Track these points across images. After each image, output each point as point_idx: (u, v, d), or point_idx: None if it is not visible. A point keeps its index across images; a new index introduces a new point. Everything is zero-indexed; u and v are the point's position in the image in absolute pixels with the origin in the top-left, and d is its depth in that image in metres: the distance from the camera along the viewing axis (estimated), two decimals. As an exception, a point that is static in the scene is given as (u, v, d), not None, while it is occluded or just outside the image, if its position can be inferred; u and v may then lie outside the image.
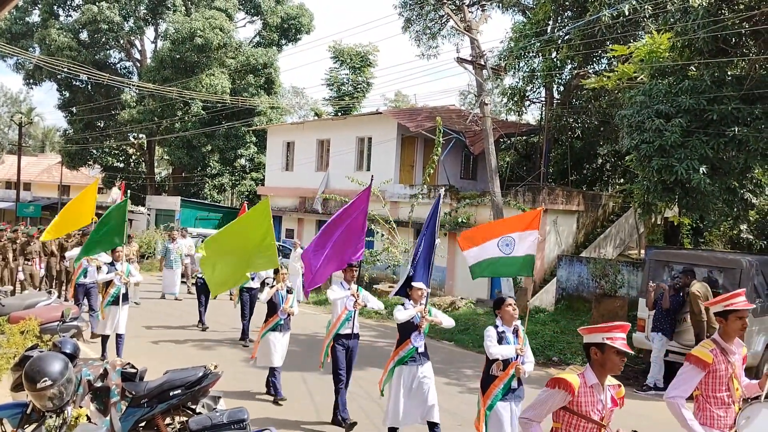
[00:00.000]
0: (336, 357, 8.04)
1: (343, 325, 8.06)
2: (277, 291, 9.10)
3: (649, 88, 12.90)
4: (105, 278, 10.74)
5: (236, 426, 5.41)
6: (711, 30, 11.92)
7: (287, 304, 9.08)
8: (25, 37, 35.95)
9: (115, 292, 10.40)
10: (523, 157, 26.80)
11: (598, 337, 4.09)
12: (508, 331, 6.28)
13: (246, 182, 34.41)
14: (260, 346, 9.10)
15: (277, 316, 9.03)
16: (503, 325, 6.30)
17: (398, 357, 7.16)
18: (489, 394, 6.15)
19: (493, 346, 6.14)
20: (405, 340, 7.14)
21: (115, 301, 10.40)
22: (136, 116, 32.99)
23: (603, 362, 4.07)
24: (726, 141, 11.86)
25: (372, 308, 8.59)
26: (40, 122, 63.47)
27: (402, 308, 7.18)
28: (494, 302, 6.60)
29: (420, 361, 7.16)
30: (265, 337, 9.03)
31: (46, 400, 4.54)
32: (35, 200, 43.30)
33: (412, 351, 7.13)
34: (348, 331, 8.09)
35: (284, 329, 9.12)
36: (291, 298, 9.17)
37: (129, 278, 10.63)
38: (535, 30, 19.68)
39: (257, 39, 37.24)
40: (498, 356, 6.11)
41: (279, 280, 9.18)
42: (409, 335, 7.13)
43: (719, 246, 18.59)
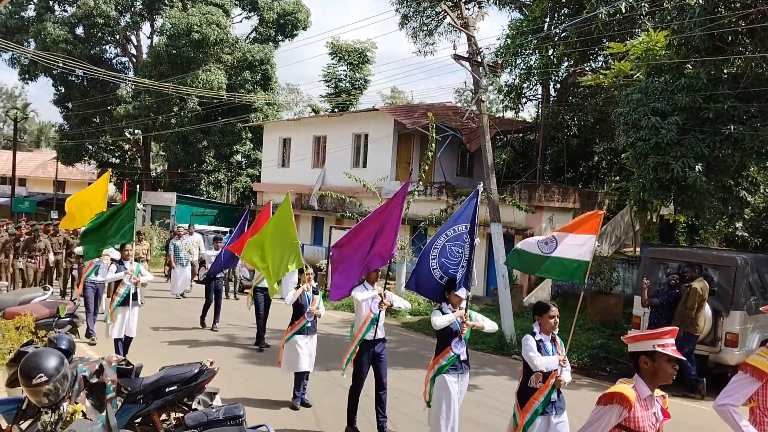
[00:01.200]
0: (359, 366, 7.62)
1: (368, 329, 7.61)
2: (302, 292, 8.68)
3: (646, 85, 12.92)
4: (114, 278, 10.20)
5: (232, 422, 5.41)
6: (707, 28, 11.94)
7: (313, 306, 8.65)
8: (21, 32, 35.77)
9: (124, 292, 9.91)
10: (519, 155, 26.82)
11: (647, 345, 3.84)
12: (546, 339, 5.93)
13: (242, 178, 34.34)
14: (286, 351, 8.67)
15: (304, 319, 8.61)
16: (541, 333, 5.93)
17: (438, 365, 6.77)
18: (528, 408, 5.79)
19: (536, 357, 5.75)
20: (445, 348, 6.76)
21: (125, 301, 9.92)
22: (131, 112, 32.87)
23: (654, 372, 3.81)
24: (722, 139, 11.88)
25: (399, 308, 8.22)
26: (36, 118, 63.28)
27: (440, 313, 6.80)
28: (535, 307, 6.12)
29: (461, 370, 6.80)
30: (290, 341, 8.62)
31: (42, 396, 4.53)
32: (30, 195, 43.16)
33: (452, 359, 6.72)
34: (373, 337, 7.66)
35: (311, 332, 8.69)
36: (317, 299, 8.76)
37: (139, 278, 10.09)
38: (531, 27, 19.68)
39: (254, 35, 37.13)
40: (542, 369, 5.73)
41: (304, 281, 8.73)
42: (450, 342, 6.73)
43: (714, 244, 18.64)
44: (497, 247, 14.31)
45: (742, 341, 10.47)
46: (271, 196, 27.81)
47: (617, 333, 13.69)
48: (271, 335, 12.51)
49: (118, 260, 10.43)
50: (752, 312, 10.74)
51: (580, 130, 23.01)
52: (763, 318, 11.00)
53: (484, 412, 8.93)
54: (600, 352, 12.83)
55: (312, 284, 8.82)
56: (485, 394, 9.92)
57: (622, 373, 11.39)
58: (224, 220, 30.45)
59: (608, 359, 12.64)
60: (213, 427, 5.35)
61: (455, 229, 7.06)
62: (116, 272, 10.13)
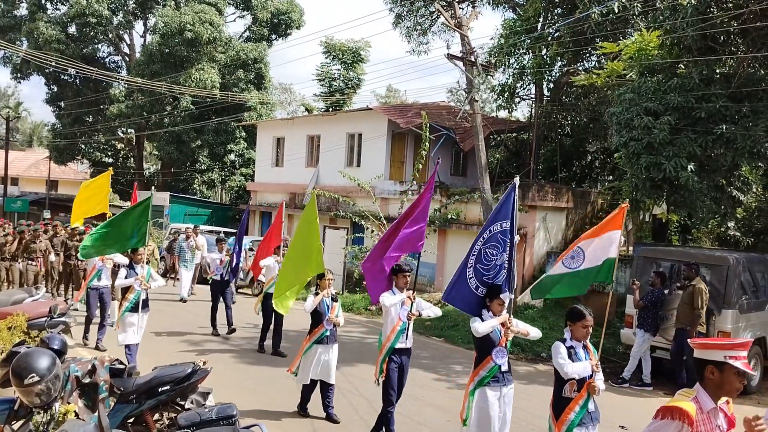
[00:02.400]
0: (389, 376, 7.22)
1: (398, 338, 7.25)
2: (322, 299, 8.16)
3: (638, 85, 12.96)
4: (124, 283, 9.68)
5: (225, 422, 5.40)
6: (700, 28, 11.99)
7: (333, 314, 8.11)
8: (13, 30, 35.65)
9: (134, 298, 9.51)
10: (512, 154, 26.86)
11: (717, 355, 3.52)
12: (578, 346, 5.68)
13: (236, 178, 34.31)
14: (302, 361, 8.14)
15: (323, 327, 8.06)
16: (572, 340, 5.67)
17: (479, 378, 6.27)
18: (564, 420, 5.51)
19: (567, 364, 5.48)
20: (485, 358, 6.26)
21: (135, 308, 9.51)
22: (124, 111, 32.82)
23: (720, 384, 3.51)
24: (714, 139, 11.93)
25: (429, 316, 7.73)
26: (28, 117, 62.95)
27: (479, 320, 6.30)
28: (569, 314, 5.83)
29: (504, 381, 6.29)
30: (309, 351, 8.08)
31: (34, 396, 4.52)
32: (23, 195, 42.95)
33: (494, 370, 6.24)
34: (403, 345, 7.30)
35: (330, 341, 8.13)
36: (337, 306, 8.25)
37: (150, 283, 9.67)
38: (525, 27, 19.71)
39: (247, 34, 37.10)
40: (574, 375, 5.48)
41: (324, 287, 8.20)
42: (490, 351, 6.25)
43: (707, 243, 18.71)
44: (491, 246, 14.33)
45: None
46: (265, 196, 27.92)
47: (610, 332, 13.73)
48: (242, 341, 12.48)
49: (128, 264, 9.93)
50: (744, 311, 10.80)
51: (573, 130, 23.05)
52: (755, 317, 11.07)
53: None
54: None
55: (331, 290, 8.28)
56: (479, 393, 9.94)
57: (614, 372, 11.46)
58: (218, 219, 30.41)
59: (601, 358, 12.63)
60: (206, 426, 5.34)
61: (491, 229, 6.51)
62: (126, 277, 9.68)
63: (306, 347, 8.10)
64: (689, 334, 10.21)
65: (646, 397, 10.28)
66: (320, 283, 8.20)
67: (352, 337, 13.82)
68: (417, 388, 9.66)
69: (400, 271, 7.36)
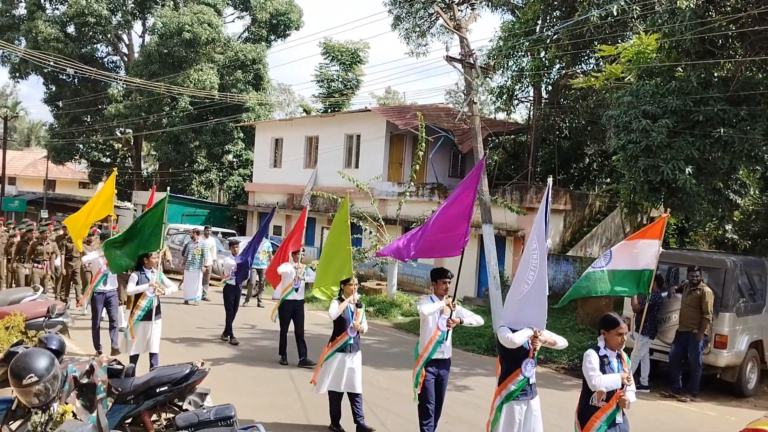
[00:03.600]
0: (426, 388, 6.86)
1: (435, 348, 6.87)
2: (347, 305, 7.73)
3: (637, 88, 12.98)
4: (137, 290, 9.08)
5: (223, 423, 5.41)
6: (698, 32, 12.02)
7: (357, 320, 7.67)
8: (11, 30, 35.59)
9: (147, 305, 9.05)
10: (511, 156, 26.89)
11: None
12: (612, 355, 5.45)
13: (234, 178, 34.29)
14: (323, 370, 7.66)
15: (346, 335, 7.60)
16: (606, 348, 5.46)
17: (507, 391, 5.96)
18: (590, 428, 5.37)
19: (596, 376, 5.27)
20: (514, 370, 5.93)
21: (147, 315, 9.07)
22: (123, 111, 32.76)
23: None
24: (712, 142, 11.96)
25: (470, 324, 7.26)
26: (26, 116, 62.86)
27: (508, 329, 5.92)
28: (602, 321, 5.60)
29: (531, 394, 6.02)
30: (330, 360, 7.61)
31: (32, 396, 4.52)
32: (20, 195, 42.88)
33: (523, 383, 5.93)
34: (441, 356, 6.94)
35: (354, 349, 7.68)
36: (361, 312, 7.79)
37: (163, 289, 9.22)
38: (523, 29, 19.75)
39: (246, 35, 37.08)
40: (602, 388, 5.28)
41: (349, 293, 7.76)
42: (519, 363, 5.93)
43: (704, 246, 18.75)
44: (488, 248, 14.35)
45: (731, 343, 10.53)
46: (263, 197, 27.91)
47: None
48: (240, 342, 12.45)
49: (139, 269, 9.27)
50: (741, 314, 10.82)
51: (571, 132, 23.10)
52: (752, 320, 11.08)
53: (475, 413, 8.94)
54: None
55: (356, 296, 7.83)
56: (476, 394, 9.95)
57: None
58: (216, 220, 30.37)
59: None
60: (204, 427, 5.35)
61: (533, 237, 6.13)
62: (138, 282, 9.08)
63: (327, 355, 7.65)
64: (696, 337, 10.23)
65: (644, 399, 10.28)
66: (345, 288, 7.80)
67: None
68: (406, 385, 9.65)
69: (440, 277, 6.98)
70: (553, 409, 9.22)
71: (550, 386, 10.72)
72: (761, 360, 11.32)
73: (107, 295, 10.87)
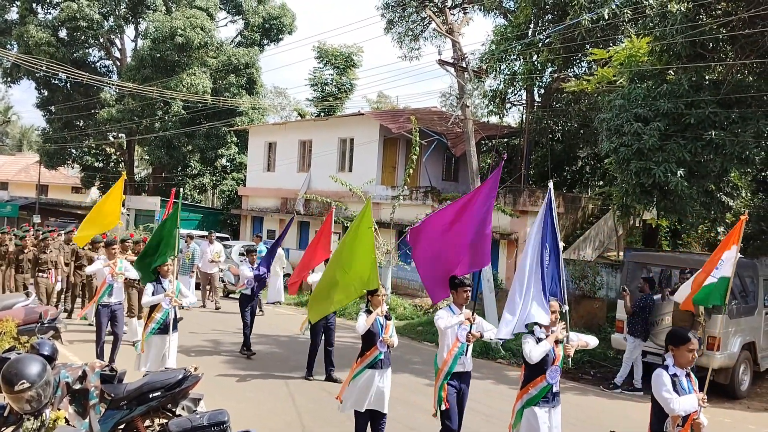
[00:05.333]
0: (450, 405, 6.55)
1: (456, 361, 6.55)
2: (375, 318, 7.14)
3: (628, 91, 13.05)
4: (152, 301, 8.59)
5: (216, 428, 5.39)
6: (689, 35, 12.09)
7: (387, 334, 7.04)
8: (3, 34, 35.48)
9: (162, 317, 8.57)
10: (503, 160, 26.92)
11: None
12: (682, 374, 5.06)
13: (227, 182, 34.25)
14: (351, 387, 7.06)
15: (376, 350, 7.00)
16: (675, 366, 5.06)
17: (528, 396, 5.78)
18: None
19: (674, 399, 4.86)
20: (538, 376, 5.75)
21: (163, 328, 8.58)
22: (115, 115, 32.67)
23: None
24: (703, 144, 12.02)
25: (490, 339, 6.95)
26: (18, 121, 62.67)
27: (531, 338, 5.73)
28: (671, 337, 5.23)
29: (553, 403, 5.85)
30: (359, 377, 7.00)
31: (24, 402, 4.50)
32: (12, 200, 42.73)
33: (546, 389, 5.75)
34: (462, 369, 6.64)
35: (385, 365, 7.03)
36: (390, 325, 7.18)
37: (180, 299, 8.73)
38: (516, 33, 19.82)
39: (239, 39, 37.07)
40: (681, 413, 4.91)
41: (377, 304, 7.13)
42: (544, 370, 5.72)
43: (697, 248, 18.83)
44: (482, 251, 14.38)
45: (724, 345, 10.58)
46: (257, 201, 27.89)
47: (601, 336, 13.77)
48: (234, 347, 12.41)
49: (155, 279, 8.81)
50: (733, 316, 10.87)
51: (563, 136, 23.17)
52: (744, 322, 11.13)
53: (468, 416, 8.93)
54: (584, 356, 12.92)
55: (384, 308, 7.22)
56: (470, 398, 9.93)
57: (605, 377, 11.52)
58: (209, 224, 30.31)
59: (592, 363, 12.72)
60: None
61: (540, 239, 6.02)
62: (153, 293, 8.61)
63: (356, 372, 7.03)
64: None
65: (637, 401, 10.32)
66: (372, 299, 7.16)
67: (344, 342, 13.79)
68: (408, 392, 9.67)
69: (460, 285, 6.66)
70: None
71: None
72: (754, 362, 11.38)
73: (113, 308, 10.17)
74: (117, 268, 10.23)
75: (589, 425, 8.95)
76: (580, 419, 9.13)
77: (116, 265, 10.24)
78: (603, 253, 20.40)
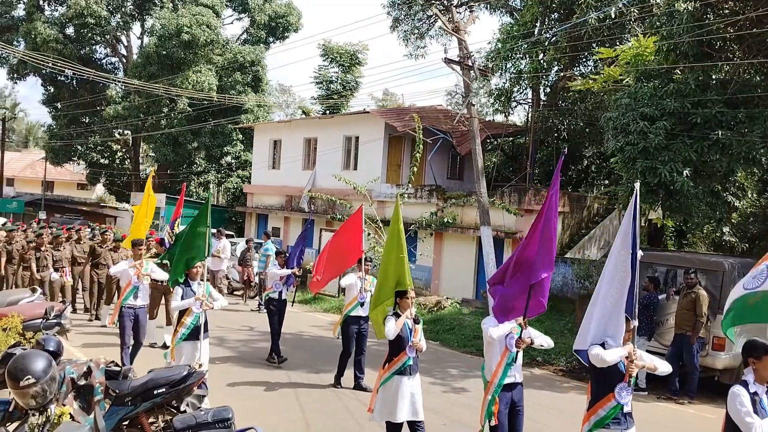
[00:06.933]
0: (500, 422, 6.10)
1: (506, 372, 6.14)
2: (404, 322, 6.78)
3: (635, 90, 13.00)
4: (181, 305, 8.23)
5: (221, 425, 5.40)
6: (696, 34, 12.04)
7: (416, 337, 6.79)
8: (10, 31, 35.59)
9: (192, 321, 8.20)
10: (509, 158, 26.91)
11: None
12: (762, 391, 4.55)
13: (232, 180, 34.30)
14: (381, 395, 6.78)
15: (405, 355, 6.70)
16: (756, 383, 4.54)
17: (596, 417, 5.29)
18: None
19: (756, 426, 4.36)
20: (606, 394, 5.26)
21: (193, 333, 8.22)
22: (121, 112, 32.75)
23: None
24: (709, 144, 11.98)
25: (541, 345, 6.53)
26: (24, 117, 62.88)
27: (599, 346, 5.26)
28: (749, 349, 4.66)
29: (625, 425, 5.32)
30: (387, 384, 6.72)
31: (29, 398, 4.52)
32: (18, 196, 42.83)
33: (616, 410, 5.24)
34: (513, 380, 6.24)
35: (413, 371, 6.76)
36: (419, 329, 6.90)
37: (211, 303, 8.38)
38: (522, 32, 19.77)
39: (245, 36, 37.10)
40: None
41: (406, 307, 6.79)
42: (613, 388, 5.23)
43: (702, 248, 18.77)
44: (487, 250, 14.37)
45: (729, 345, 10.54)
46: (262, 198, 27.90)
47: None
48: (237, 344, 12.38)
49: (184, 282, 8.49)
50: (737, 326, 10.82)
51: (569, 134, 23.11)
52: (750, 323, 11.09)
53: (474, 415, 8.93)
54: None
55: (413, 311, 6.91)
56: (473, 396, 9.94)
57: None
58: (214, 221, 30.22)
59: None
60: (201, 429, 5.35)
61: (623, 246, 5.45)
62: (183, 297, 8.30)
63: (384, 378, 6.76)
64: (690, 340, 10.26)
65: (641, 401, 10.29)
66: (401, 302, 6.82)
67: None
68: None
69: None
70: (553, 412, 9.25)
71: (548, 389, 10.74)
72: (759, 362, 11.32)
73: (136, 311, 9.74)
74: (143, 268, 9.82)
75: (593, 425, 8.92)
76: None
77: (142, 266, 9.84)
78: (608, 252, 20.34)
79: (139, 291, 9.76)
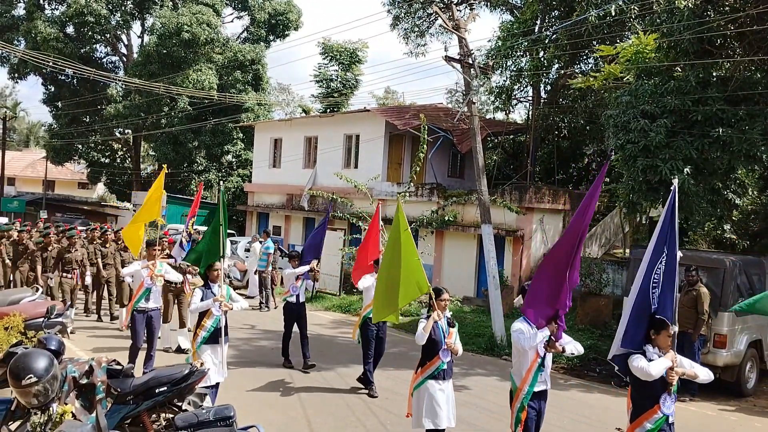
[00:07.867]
0: (527, 426, 6.02)
1: (536, 378, 6.00)
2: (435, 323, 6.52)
3: (635, 88, 13.00)
4: (201, 307, 8.00)
5: (222, 423, 5.41)
6: (696, 31, 12.03)
7: (450, 340, 6.50)
8: (10, 30, 35.58)
9: (212, 324, 7.99)
10: (510, 156, 26.90)
11: None
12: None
13: (233, 179, 34.29)
14: (416, 401, 6.65)
15: (438, 359, 6.48)
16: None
17: (643, 430, 5.22)
18: None
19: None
20: (651, 407, 5.17)
21: (213, 336, 8.03)
22: (122, 111, 32.74)
23: None
24: (710, 142, 11.97)
25: (572, 353, 6.40)
26: (25, 117, 62.91)
27: (642, 357, 5.15)
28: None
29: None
30: (421, 389, 6.57)
31: (31, 397, 4.53)
32: (19, 195, 42.87)
33: (661, 422, 5.16)
34: (543, 387, 6.15)
35: (447, 375, 6.59)
36: (453, 332, 6.63)
37: (231, 305, 8.18)
38: (522, 29, 19.75)
39: (245, 35, 37.08)
40: None
41: (436, 308, 6.55)
42: (657, 398, 5.14)
43: (703, 246, 18.75)
44: (488, 248, 14.37)
45: (731, 342, 10.55)
46: (263, 197, 27.90)
47: (606, 334, 13.77)
48: (239, 342, 12.40)
49: (203, 284, 8.37)
50: (740, 314, 10.83)
51: (570, 132, 23.11)
52: (751, 319, 11.10)
53: (474, 413, 8.96)
54: (589, 353, 12.90)
55: (447, 313, 6.72)
56: (475, 394, 9.96)
57: (611, 374, 11.48)
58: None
59: (598, 360, 12.70)
60: (203, 428, 5.36)
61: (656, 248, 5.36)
62: (202, 298, 8.07)
63: (417, 383, 6.62)
64: (692, 338, 10.26)
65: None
66: (436, 303, 6.56)
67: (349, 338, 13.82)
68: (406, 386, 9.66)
69: None
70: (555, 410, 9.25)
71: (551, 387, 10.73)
72: (760, 359, 11.35)
73: (149, 313, 9.58)
74: (156, 269, 9.67)
75: (595, 422, 8.95)
76: (585, 416, 9.13)
77: (155, 267, 9.68)
78: (609, 250, 20.35)
79: (151, 293, 9.58)
